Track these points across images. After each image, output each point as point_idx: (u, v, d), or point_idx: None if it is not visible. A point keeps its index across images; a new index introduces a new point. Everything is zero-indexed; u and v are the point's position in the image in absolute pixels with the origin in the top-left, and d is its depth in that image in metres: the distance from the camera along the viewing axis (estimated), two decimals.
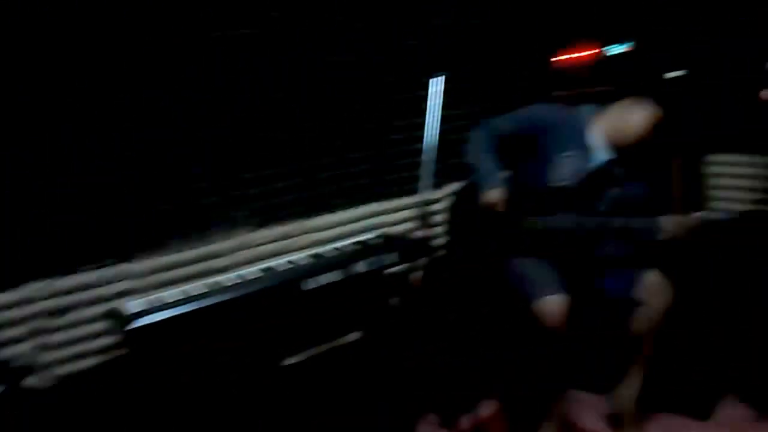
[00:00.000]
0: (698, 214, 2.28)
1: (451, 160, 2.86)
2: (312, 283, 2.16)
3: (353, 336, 2.29)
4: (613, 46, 2.80)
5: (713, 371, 2.69)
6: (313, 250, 2.41)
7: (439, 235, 2.87)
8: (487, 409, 2.68)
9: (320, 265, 2.22)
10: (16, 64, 2.03)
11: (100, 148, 2.23)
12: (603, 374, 2.63)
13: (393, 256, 2.28)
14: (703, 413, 2.59)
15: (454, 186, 3.03)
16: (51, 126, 2.14)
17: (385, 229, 2.76)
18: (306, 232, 2.63)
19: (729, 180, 3.05)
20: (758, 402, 2.53)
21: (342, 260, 2.24)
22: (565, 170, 2.53)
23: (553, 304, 2.33)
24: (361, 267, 2.23)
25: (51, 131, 2.14)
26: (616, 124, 2.55)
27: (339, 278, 2.19)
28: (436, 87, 2.68)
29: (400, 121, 2.89)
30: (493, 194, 2.48)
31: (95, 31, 2.15)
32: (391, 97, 2.84)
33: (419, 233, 2.47)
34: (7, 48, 2.00)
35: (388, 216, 2.89)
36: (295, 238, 2.59)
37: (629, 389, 2.53)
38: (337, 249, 2.34)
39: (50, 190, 2.16)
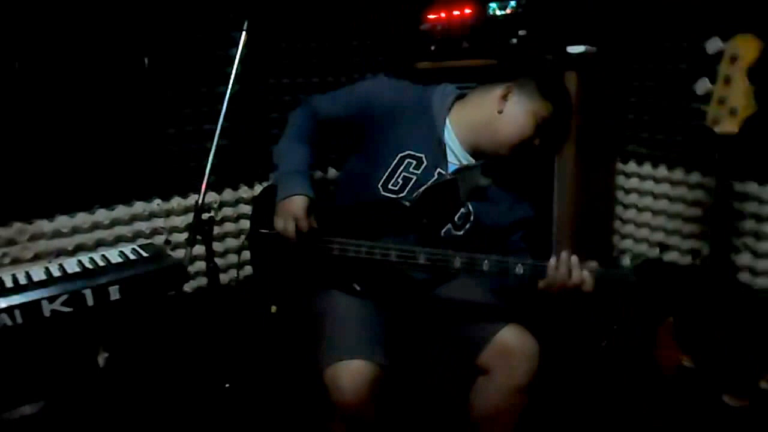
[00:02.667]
0: (594, 264, 1.54)
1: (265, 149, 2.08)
2: None
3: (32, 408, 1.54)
4: (493, 4, 1.99)
5: None
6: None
7: (222, 252, 2.11)
8: None
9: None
10: None
11: None
12: None
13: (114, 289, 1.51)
14: None
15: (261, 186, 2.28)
16: None
17: (144, 241, 1.98)
18: (35, 238, 1.84)
19: (644, 200, 2.26)
20: None
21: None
22: (402, 176, 1.78)
23: (350, 371, 1.54)
24: (58, 305, 1.47)
25: None
26: (481, 120, 1.80)
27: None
28: (242, 45, 1.90)
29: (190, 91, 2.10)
30: (295, 205, 1.71)
31: None
32: (182, 54, 2.03)
33: (185, 250, 1.70)
34: None
35: (154, 221, 2.10)
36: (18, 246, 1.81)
37: None
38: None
39: None
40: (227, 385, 1.88)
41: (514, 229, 1.88)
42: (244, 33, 1.93)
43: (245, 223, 2.25)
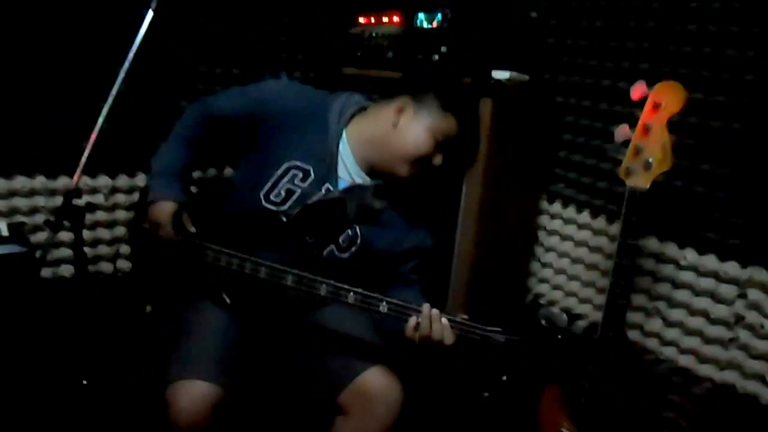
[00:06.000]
0: (461, 318, 1.46)
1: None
2: None
3: None
4: (421, 15, 1.83)
5: None
6: None
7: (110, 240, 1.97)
8: None
9: None
10: None
11: None
12: None
13: None
14: None
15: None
16: None
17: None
18: None
19: (565, 245, 2.09)
20: None
21: None
22: (286, 188, 1.65)
23: (190, 393, 1.45)
24: None
25: None
26: (376, 134, 1.68)
27: None
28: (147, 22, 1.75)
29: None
30: (159, 211, 1.65)
31: None
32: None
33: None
34: None
35: (35, 199, 1.96)
36: None
37: None
38: None
39: None
40: (84, 382, 1.78)
41: (404, 258, 1.74)
42: (151, 11, 1.80)
43: None
